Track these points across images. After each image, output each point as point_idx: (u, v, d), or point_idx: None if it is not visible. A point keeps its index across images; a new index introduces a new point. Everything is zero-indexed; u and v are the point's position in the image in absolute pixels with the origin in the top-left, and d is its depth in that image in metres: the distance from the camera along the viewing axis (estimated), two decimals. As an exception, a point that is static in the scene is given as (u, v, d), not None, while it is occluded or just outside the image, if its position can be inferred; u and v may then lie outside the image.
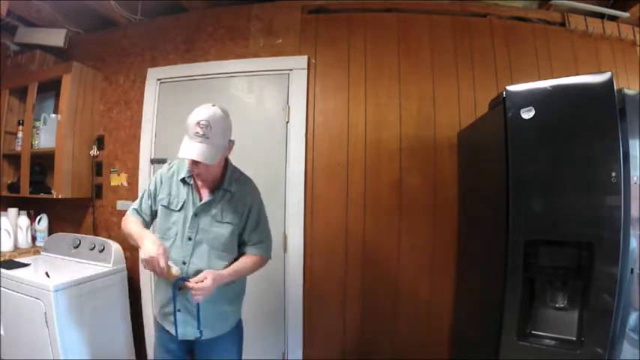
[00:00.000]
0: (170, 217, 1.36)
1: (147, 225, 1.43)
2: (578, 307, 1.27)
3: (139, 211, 1.44)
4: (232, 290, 1.40)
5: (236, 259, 1.37)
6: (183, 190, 1.36)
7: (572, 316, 1.29)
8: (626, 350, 1.24)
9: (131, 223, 1.39)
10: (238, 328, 1.48)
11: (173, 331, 1.33)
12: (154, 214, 1.43)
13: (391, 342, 2.06)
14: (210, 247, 1.32)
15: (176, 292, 1.28)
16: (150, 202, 1.43)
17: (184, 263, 1.31)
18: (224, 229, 1.33)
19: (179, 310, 1.30)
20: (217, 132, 1.22)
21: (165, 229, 1.36)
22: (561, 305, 1.30)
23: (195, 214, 1.33)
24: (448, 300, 2.01)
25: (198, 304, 1.27)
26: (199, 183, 1.36)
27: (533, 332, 1.33)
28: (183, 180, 1.37)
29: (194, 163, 1.23)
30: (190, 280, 1.23)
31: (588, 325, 1.24)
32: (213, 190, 1.35)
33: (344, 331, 2.09)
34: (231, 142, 1.34)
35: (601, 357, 1.20)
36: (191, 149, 1.20)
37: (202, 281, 1.21)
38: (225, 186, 1.34)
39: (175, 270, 1.24)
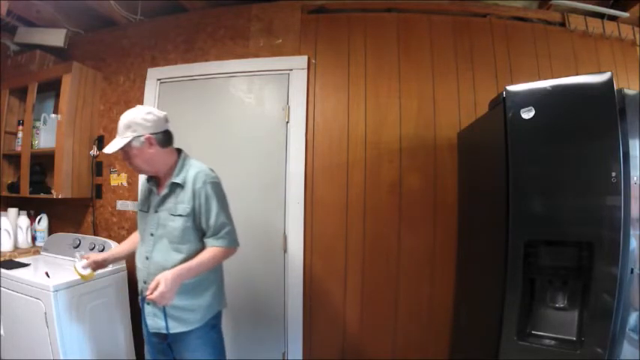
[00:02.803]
0: (144, 219, 1.48)
1: None
2: (578, 307, 1.27)
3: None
4: (196, 283, 1.40)
5: (201, 251, 1.40)
6: (148, 192, 1.49)
7: (572, 316, 1.28)
8: (626, 350, 1.24)
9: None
10: (213, 332, 1.48)
11: (149, 323, 1.41)
12: None
13: (391, 342, 2.06)
14: (169, 241, 1.38)
15: (144, 305, 1.40)
16: None
17: (147, 258, 1.40)
18: (177, 222, 1.37)
19: (148, 304, 1.38)
20: (122, 126, 1.36)
21: (142, 230, 1.48)
22: (561, 305, 1.30)
23: (156, 211, 1.42)
24: (448, 300, 2.01)
25: None
26: (159, 181, 1.46)
27: (533, 332, 1.33)
28: (147, 181, 1.50)
29: (122, 155, 1.40)
30: (147, 292, 1.26)
31: (588, 325, 1.24)
32: (167, 186, 1.42)
33: (344, 331, 2.09)
34: (147, 137, 1.36)
35: (601, 357, 1.20)
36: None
37: (156, 288, 1.24)
38: (174, 179, 1.40)
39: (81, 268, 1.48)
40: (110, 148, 1.35)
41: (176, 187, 1.40)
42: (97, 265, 1.53)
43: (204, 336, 1.44)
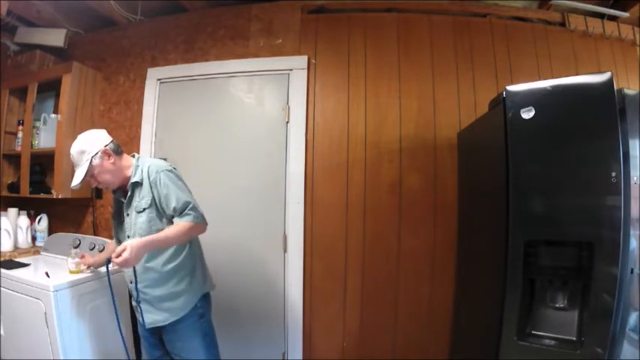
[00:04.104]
0: (121, 227, 1.56)
1: None
2: (578, 307, 1.27)
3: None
4: (174, 271, 1.46)
5: None
6: (117, 203, 1.57)
7: (572, 316, 1.28)
8: (626, 350, 1.24)
9: None
10: (203, 320, 1.52)
11: (140, 320, 1.51)
12: None
13: (391, 342, 2.06)
14: (140, 237, 1.41)
15: (138, 304, 1.51)
16: None
17: None
18: (143, 217, 1.45)
19: (140, 301, 1.48)
20: (76, 156, 1.46)
21: (122, 237, 1.55)
22: (561, 305, 1.30)
23: (128, 214, 1.50)
24: (448, 300, 2.01)
25: (140, 293, 1.46)
26: (124, 189, 1.53)
27: (533, 332, 1.33)
28: (114, 193, 1.58)
29: (89, 182, 1.50)
30: (114, 255, 1.31)
31: (588, 325, 1.24)
32: (129, 187, 1.50)
33: (344, 331, 2.09)
34: (103, 150, 1.47)
35: (601, 357, 1.20)
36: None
37: (121, 254, 1.27)
38: (133, 179, 1.48)
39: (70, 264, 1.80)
40: (77, 180, 1.44)
41: (136, 186, 1.48)
42: (87, 266, 1.81)
43: (193, 325, 1.49)
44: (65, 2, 2.20)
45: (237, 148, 2.20)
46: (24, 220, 2.36)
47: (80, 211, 2.47)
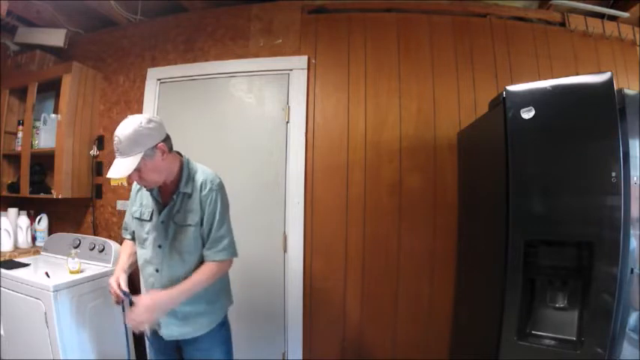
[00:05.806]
0: (144, 227, 1.39)
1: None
2: (578, 307, 1.27)
3: (127, 229, 1.52)
4: (209, 291, 1.38)
5: (201, 263, 1.36)
6: (151, 200, 1.39)
7: (572, 316, 1.28)
8: (626, 350, 1.24)
9: (122, 250, 1.52)
10: (223, 329, 1.48)
11: (160, 332, 1.39)
12: None
13: (391, 342, 2.06)
14: (177, 253, 1.33)
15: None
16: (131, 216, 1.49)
17: (157, 271, 1.34)
18: (186, 233, 1.32)
19: (167, 315, 1.35)
20: (127, 144, 1.20)
21: (143, 239, 1.40)
22: (561, 305, 1.30)
23: (162, 222, 1.34)
24: (448, 300, 2.01)
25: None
26: (161, 188, 1.37)
27: (533, 332, 1.33)
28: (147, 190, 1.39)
29: (129, 176, 1.23)
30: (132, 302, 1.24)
31: (588, 325, 1.24)
32: (173, 195, 1.34)
33: (344, 331, 2.09)
34: (160, 146, 1.25)
35: (601, 357, 1.20)
36: (111, 167, 1.22)
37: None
38: (181, 188, 1.33)
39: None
40: (124, 171, 1.19)
41: (183, 196, 1.33)
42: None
43: (215, 335, 1.44)
44: (65, 2, 2.20)
45: (237, 148, 2.20)
46: (24, 220, 2.37)
47: (80, 211, 2.47)
